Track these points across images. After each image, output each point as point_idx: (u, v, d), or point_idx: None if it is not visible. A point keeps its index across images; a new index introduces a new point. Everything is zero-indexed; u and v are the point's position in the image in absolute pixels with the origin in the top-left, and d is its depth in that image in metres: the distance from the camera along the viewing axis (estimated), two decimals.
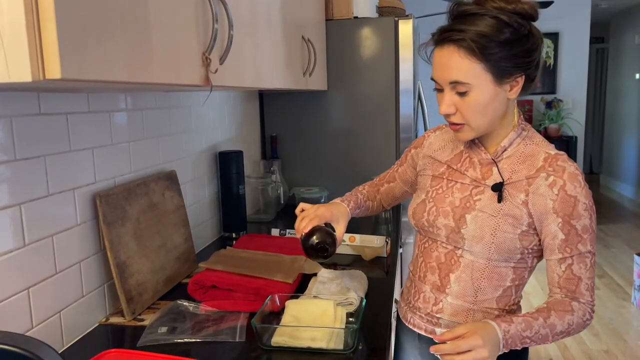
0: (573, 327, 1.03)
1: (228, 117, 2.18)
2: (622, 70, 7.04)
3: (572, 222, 1.03)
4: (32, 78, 0.62)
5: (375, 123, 2.51)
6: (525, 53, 1.03)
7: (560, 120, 5.76)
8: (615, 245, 4.98)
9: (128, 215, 1.37)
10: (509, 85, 1.05)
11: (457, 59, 1.01)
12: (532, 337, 1.01)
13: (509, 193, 1.08)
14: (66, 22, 0.64)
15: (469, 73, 1.01)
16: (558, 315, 1.02)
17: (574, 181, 1.03)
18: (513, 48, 1.01)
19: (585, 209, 1.04)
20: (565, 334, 1.04)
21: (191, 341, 1.19)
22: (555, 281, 1.07)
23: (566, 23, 5.68)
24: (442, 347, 0.99)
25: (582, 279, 1.05)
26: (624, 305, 3.67)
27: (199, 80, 1.03)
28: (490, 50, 1.00)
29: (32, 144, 1.09)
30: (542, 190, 1.04)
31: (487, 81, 1.02)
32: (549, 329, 1.01)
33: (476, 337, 0.97)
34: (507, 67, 1.02)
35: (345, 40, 2.45)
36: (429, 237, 1.20)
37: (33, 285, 1.10)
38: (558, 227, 1.04)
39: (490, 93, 1.03)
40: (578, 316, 1.04)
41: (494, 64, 1.00)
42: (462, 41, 1.00)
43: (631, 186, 6.77)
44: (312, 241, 1.20)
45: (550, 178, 1.04)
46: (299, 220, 1.24)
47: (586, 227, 1.04)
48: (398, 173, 1.40)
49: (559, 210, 1.03)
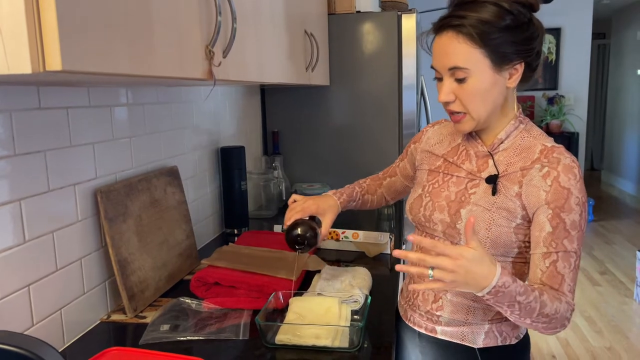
0: (557, 316, 0.97)
1: (229, 113, 2.16)
2: (623, 66, 7.01)
3: (562, 215, 1.00)
4: (32, 70, 0.60)
5: (377, 119, 2.49)
6: (525, 40, 1.02)
7: (562, 117, 5.74)
8: (617, 242, 4.97)
9: (129, 211, 1.35)
10: (508, 73, 1.04)
11: (455, 45, 1.01)
12: (522, 304, 0.94)
13: (503, 185, 1.06)
14: (67, 11, 0.62)
15: (468, 58, 1.01)
16: (549, 297, 0.97)
17: (569, 173, 1.00)
18: (513, 35, 1.00)
19: (577, 204, 1.00)
20: (547, 321, 0.97)
21: (194, 339, 1.17)
22: (537, 277, 1.02)
23: (569, 19, 5.64)
24: (408, 255, 0.92)
25: (565, 279, 1.00)
26: (626, 302, 3.66)
27: (202, 74, 1.01)
28: (490, 36, 0.99)
29: (32, 138, 1.07)
30: (536, 181, 1.02)
31: (486, 67, 1.01)
32: (539, 305, 0.95)
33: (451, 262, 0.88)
34: (507, 54, 1.01)
35: (347, 35, 2.43)
36: (427, 233, 1.19)
37: (33, 283, 1.08)
38: (547, 219, 1.00)
39: (489, 80, 1.02)
40: (564, 309, 0.98)
41: (493, 49, 1.00)
42: (461, 27, 1.00)
43: (632, 182, 6.75)
44: (292, 234, 1.23)
45: (544, 169, 1.02)
46: (287, 212, 1.29)
47: (575, 224, 1.00)
48: (399, 168, 1.41)
49: (550, 201, 1.00)
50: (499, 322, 1.12)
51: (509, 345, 1.13)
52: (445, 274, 0.90)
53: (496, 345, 1.12)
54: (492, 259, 0.93)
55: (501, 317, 1.13)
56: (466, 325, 1.13)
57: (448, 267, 0.89)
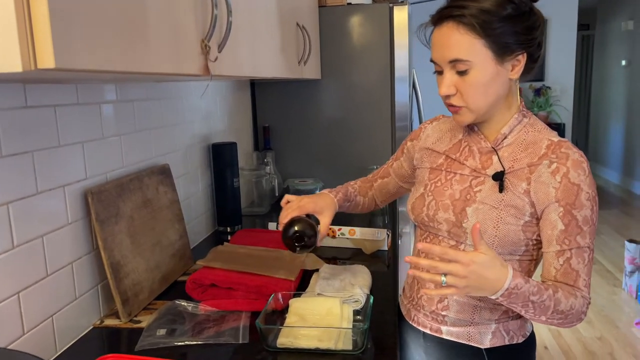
0: (572, 312, 0.97)
1: (220, 108, 2.11)
2: (608, 57, 7.06)
3: (574, 211, 0.98)
4: (23, 68, 0.56)
5: (370, 112, 2.45)
6: (527, 30, 1.00)
7: (548, 108, 5.77)
8: (604, 232, 5.01)
9: (121, 212, 1.30)
10: (511, 64, 1.01)
11: (457, 36, 0.98)
12: (536, 304, 0.94)
13: (510, 182, 1.04)
14: (59, 4, 0.58)
15: (470, 50, 0.98)
16: (564, 294, 0.97)
17: (578, 168, 0.99)
18: (515, 24, 0.98)
19: (588, 199, 0.99)
20: (563, 317, 0.98)
21: (192, 344, 1.13)
22: (552, 275, 1.01)
23: (554, 10, 5.66)
24: (419, 262, 0.91)
25: (580, 274, 1.00)
26: (615, 292, 3.69)
27: (199, 70, 0.96)
28: (492, 26, 0.97)
29: (19, 139, 1.02)
30: (545, 178, 1.00)
31: (488, 58, 0.99)
32: (554, 303, 0.95)
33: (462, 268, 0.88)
34: (509, 44, 0.99)
35: (339, 28, 2.39)
36: (430, 232, 1.16)
37: (23, 289, 1.04)
38: (558, 217, 0.99)
39: (491, 71, 1.00)
40: (579, 304, 0.98)
41: (495, 39, 0.97)
42: (462, 17, 0.97)
43: (617, 172, 6.82)
44: (290, 232, 1.16)
45: (553, 165, 1.00)
46: (282, 212, 1.22)
47: (587, 219, 0.99)
48: (393, 168, 1.36)
49: (561, 199, 0.99)
50: (505, 321, 1.11)
51: (516, 344, 1.11)
52: (457, 280, 0.89)
53: (503, 344, 1.10)
54: (502, 262, 0.92)
55: (508, 316, 1.11)
56: (472, 325, 1.10)
57: (460, 273, 0.88)
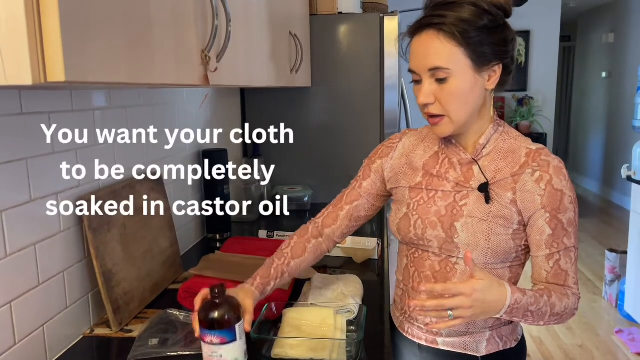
0: (567, 311, 1.03)
1: (210, 115, 2.11)
2: (588, 68, 7.20)
3: (559, 216, 1.03)
4: (33, 81, 0.55)
5: (359, 119, 2.47)
6: (502, 42, 1.03)
7: (531, 118, 5.85)
8: (584, 240, 5.10)
9: (114, 220, 1.29)
10: (487, 74, 1.04)
11: (437, 44, 1.00)
12: (534, 312, 0.99)
13: (495, 193, 1.05)
14: (70, 17, 0.58)
15: (450, 58, 1.00)
16: (558, 297, 1.02)
17: (560, 175, 1.03)
18: (490, 35, 1.01)
19: (570, 202, 1.04)
20: (558, 318, 1.03)
21: (185, 354, 1.13)
22: (543, 277, 1.06)
23: (537, 22, 5.76)
24: (426, 304, 0.94)
25: (569, 274, 1.05)
26: (595, 300, 3.75)
27: (198, 80, 0.96)
28: (470, 34, 0.99)
29: (13, 146, 1.01)
30: (529, 186, 1.03)
31: (467, 67, 1.01)
32: (549, 308, 1.01)
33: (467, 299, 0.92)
34: (486, 54, 1.01)
35: (329, 36, 2.40)
36: (419, 249, 1.15)
37: (15, 299, 1.02)
38: (545, 222, 1.03)
39: (470, 80, 1.02)
40: (572, 302, 1.04)
41: (473, 49, 1.00)
42: (443, 25, 0.99)
43: (596, 182, 6.96)
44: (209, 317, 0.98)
45: (536, 173, 1.03)
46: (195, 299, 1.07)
47: (571, 221, 1.04)
48: (362, 188, 1.25)
49: (546, 205, 1.02)
50: (498, 327, 1.13)
51: (510, 348, 1.14)
52: (464, 311, 0.93)
53: (498, 350, 1.13)
54: (499, 281, 0.97)
55: (501, 322, 1.13)
56: (468, 335, 1.12)
57: (466, 305, 0.92)
